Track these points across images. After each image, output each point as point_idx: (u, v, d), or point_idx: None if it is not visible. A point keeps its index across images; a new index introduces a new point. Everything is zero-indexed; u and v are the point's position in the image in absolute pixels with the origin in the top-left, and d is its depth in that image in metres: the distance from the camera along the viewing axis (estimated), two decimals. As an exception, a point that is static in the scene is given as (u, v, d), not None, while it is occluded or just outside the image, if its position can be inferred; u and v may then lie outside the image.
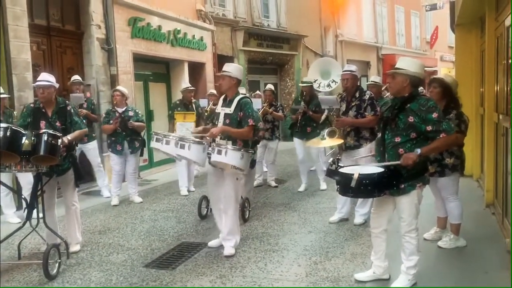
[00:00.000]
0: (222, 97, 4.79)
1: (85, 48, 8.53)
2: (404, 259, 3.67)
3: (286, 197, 7.17)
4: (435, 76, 4.70)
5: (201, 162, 4.51)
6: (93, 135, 7.24)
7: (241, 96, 4.69)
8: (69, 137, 4.42)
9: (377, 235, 3.77)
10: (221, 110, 4.64)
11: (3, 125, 4.03)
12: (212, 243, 4.87)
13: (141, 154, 7.21)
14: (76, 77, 7.30)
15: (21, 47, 6.83)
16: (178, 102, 7.71)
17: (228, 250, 4.61)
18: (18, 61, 6.77)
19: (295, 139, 7.49)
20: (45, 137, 4.04)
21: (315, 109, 7.03)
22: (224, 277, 4.05)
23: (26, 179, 5.62)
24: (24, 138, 4.01)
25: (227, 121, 4.56)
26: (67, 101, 4.74)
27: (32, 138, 4.02)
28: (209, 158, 4.43)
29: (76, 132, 4.59)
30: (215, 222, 4.99)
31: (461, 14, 6.98)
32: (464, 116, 4.32)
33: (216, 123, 4.66)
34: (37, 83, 4.53)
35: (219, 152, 4.26)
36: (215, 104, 7.50)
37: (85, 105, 7.14)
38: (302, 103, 7.24)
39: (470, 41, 7.68)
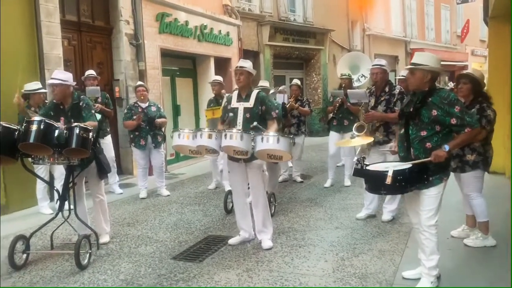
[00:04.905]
0: (235, 92, 4.76)
1: (114, 43, 8.69)
2: (424, 260, 3.55)
3: (312, 193, 7.14)
4: (463, 72, 4.57)
5: (250, 151, 4.32)
6: (108, 129, 7.19)
7: (257, 90, 4.71)
8: None
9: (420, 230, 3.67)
10: (239, 105, 4.61)
11: (37, 118, 4.15)
12: (232, 240, 4.82)
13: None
14: (90, 72, 7.19)
15: (53, 43, 7.01)
16: (212, 98, 7.54)
17: (267, 243, 4.64)
18: (50, 57, 6.95)
19: (331, 133, 7.39)
20: (76, 131, 4.13)
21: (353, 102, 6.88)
22: (250, 271, 4.07)
23: (60, 170, 5.76)
24: (56, 131, 4.11)
25: (248, 115, 4.54)
26: (81, 96, 4.78)
27: (64, 132, 4.12)
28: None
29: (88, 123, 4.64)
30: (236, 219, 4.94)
31: (496, 6, 6.78)
32: (487, 111, 4.18)
33: (228, 119, 4.63)
34: (49, 81, 4.63)
35: (269, 140, 4.18)
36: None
37: (99, 100, 7.00)
38: (342, 91, 7.09)
39: (505, 34, 7.43)
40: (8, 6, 6.38)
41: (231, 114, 4.64)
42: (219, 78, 7.76)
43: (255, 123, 4.48)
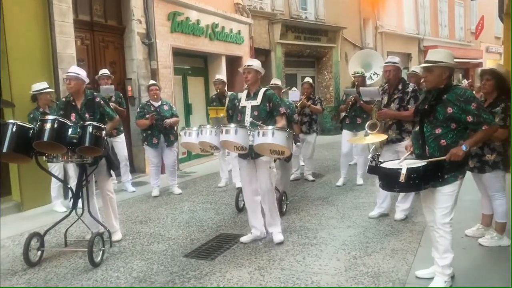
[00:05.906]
0: (245, 92, 4.79)
1: (127, 42, 8.74)
2: (438, 258, 3.51)
3: (324, 191, 7.11)
4: (486, 68, 4.47)
5: (247, 146, 4.36)
6: (121, 128, 7.25)
7: (265, 88, 4.74)
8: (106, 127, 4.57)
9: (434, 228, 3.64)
10: (247, 104, 4.66)
11: (51, 117, 4.20)
12: (244, 238, 4.85)
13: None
14: (104, 71, 7.27)
15: (67, 42, 7.08)
16: (214, 96, 7.72)
17: (278, 236, 4.70)
18: (63, 56, 7.02)
19: (344, 131, 7.37)
20: (90, 129, 4.17)
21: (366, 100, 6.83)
22: (262, 269, 4.07)
23: (75, 168, 5.81)
24: (70, 129, 4.16)
25: (255, 112, 4.57)
26: (95, 93, 4.82)
27: (78, 130, 4.16)
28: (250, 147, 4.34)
29: (110, 123, 4.74)
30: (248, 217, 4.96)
31: (511, 2, 6.66)
32: None
33: (239, 118, 4.66)
34: (65, 74, 4.70)
35: (265, 134, 4.20)
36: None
37: (113, 98, 7.03)
38: (355, 89, 7.06)
39: (520, 31, 7.31)
40: (22, 6, 6.46)
41: (235, 115, 4.73)
42: (222, 77, 7.83)
43: (250, 119, 4.53)
